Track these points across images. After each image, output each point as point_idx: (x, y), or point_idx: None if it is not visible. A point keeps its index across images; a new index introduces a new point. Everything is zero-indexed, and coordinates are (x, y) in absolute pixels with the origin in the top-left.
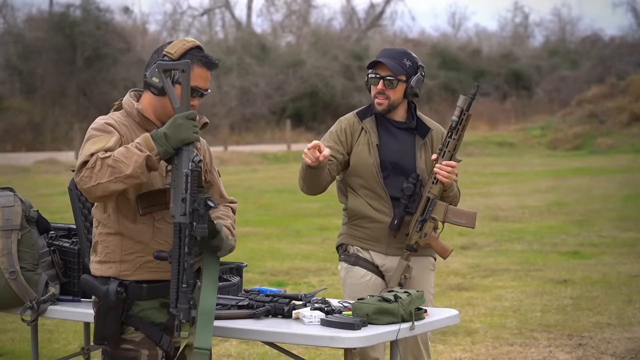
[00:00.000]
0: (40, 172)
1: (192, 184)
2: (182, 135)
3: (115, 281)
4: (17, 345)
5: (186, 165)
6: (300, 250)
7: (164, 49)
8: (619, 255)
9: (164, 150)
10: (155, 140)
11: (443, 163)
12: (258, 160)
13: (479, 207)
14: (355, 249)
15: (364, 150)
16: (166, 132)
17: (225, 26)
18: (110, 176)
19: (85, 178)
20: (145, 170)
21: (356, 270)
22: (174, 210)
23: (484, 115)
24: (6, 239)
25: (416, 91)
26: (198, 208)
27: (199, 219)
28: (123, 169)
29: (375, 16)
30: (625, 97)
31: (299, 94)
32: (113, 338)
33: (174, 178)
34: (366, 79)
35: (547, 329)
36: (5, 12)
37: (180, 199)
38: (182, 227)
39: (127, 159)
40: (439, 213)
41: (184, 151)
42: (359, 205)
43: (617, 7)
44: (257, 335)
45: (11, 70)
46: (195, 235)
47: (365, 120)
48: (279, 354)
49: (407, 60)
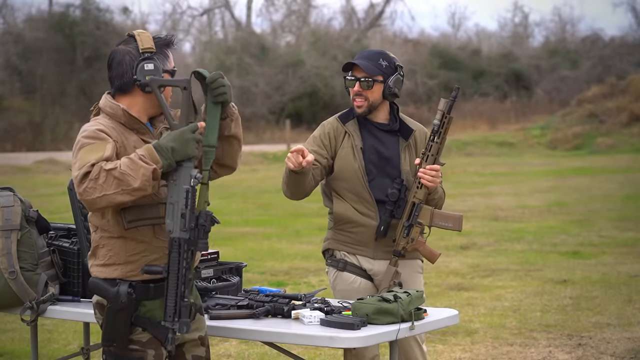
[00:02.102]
0: (40, 172)
1: (192, 200)
2: (189, 151)
3: (125, 282)
4: (16, 345)
5: (186, 181)
6: (300, 250)
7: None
8: (619, 255)
9: (168, 164)
10: (160, 152)
11: (427, 167)
12: (258, 160)
13: (479, 207)
14: (342, 254)
15: (349, 154)
16: (174, 146)
17: (225, 26)
18: (117, 188)
19: (90, 189)
20: (152, 183)
21: (344, 276)
22: (171, 226)
23: (484, 115)
24: (6, 239)
25: (395, 91)
26: (205, 224)
27: (204, 235)
28: (131, 182)
29: (375, 16)
30: (625, 97)
31: (298, 94)
32: (122, 339)
33: (171, 194)
34: (344, 82)
35: (547, 329)
36: (5, 12)
37: (180, 215)
38: (181, 243)
39: (134, 171)
40: (425, 217)
41: (184, 167)
42: (345, 209)
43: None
44: (257, 335)
45: (11, 70)
46: (199, 250)
47: (347, 124)
48: (279, 354)
49: (383, 60)
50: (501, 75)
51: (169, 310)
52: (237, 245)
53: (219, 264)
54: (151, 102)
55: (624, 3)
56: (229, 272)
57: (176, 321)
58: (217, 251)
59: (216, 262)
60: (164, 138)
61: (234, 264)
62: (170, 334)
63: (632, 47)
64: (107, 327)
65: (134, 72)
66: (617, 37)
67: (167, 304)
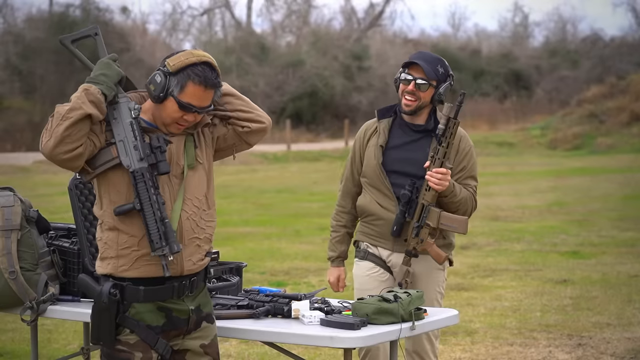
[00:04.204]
0: (40, 172)
1: (139, 130)
2: (117, 69)
3: (109, 282)
4: (17, 345)
5: (128, 116)
6: (300, 250)
7: (167, 58)
8: (619, 255)
9: (106, 87)
10: (92, 81)
11: (433, 170)
12: (258, 160)
13: (479, 207)
14: (365, 245)
15: (371, 152)
16: (103, 72)
17: (225, 26)
18: (56, 121)
19: (44, 140)
20: (87, 101)
21: (364, 264)
22: (128, 161)
23: (484, 115)
24: (6, 239)
25: (443, 98)
26: (160, 145)
27: (162, 155)
28: (64, 109)
29: (375, 16)
30: (625, 97)
31: (298, 94)
32: (108, 338)
33: (117, 132)
34: (398, 76)
35: (547, 329)
36: (5, 12)
37: (132, 147)
38: (143, 172)
39: (65, 105)
40: (433, 219)
41: (121, 104)
42: (367, 202)
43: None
44: (257, 335)
45: (11, 70)
46: (161, 172)
47: (382, 120)
48: (279, 354)
49: (440, 67)
50: (501, 75)
51: (154, 238)
52: (237, 245)
53: (219, 264)
54: (157, 111)
55: (624, 3)
56: (229, 272)
57: (164, 245)
58: (217, 251)
59: (216, 262)
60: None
61: (234, 264)
62: (163, 260)
63: (632, 47)
64: (93, 325)
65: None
66: (617, 37)
67: (150, 234)
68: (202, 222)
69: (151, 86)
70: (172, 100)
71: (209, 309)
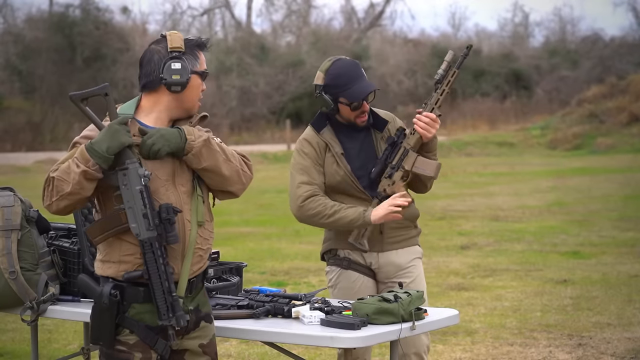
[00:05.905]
0: (40, 172)
1: (149, 198)
2: (122, 139)
3: (109, 283)
4: (17, 345)
5: (137, 183)
6: (300, 250)
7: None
8: (619, 255)
9: (103, 161)
10: (90, 152)
11: (423, 113)
12: (258, 160)
13: (479, 207)
14: (345, 252)
15: (332, 162)
16: (105, 140)
17: (225, 26)
18: (57, 195)
19: (44, 198)
20: (86, 185)
21: (348, 274)
22: (137, 229)
23: (484, 115)
24: (6, 239)
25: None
26: (169, 217)
27: (171, 227)
28: (64, 187)
29: (375, 16)
30: (625, 97)
31: (298, 94)
32: (107, 338)
33: (127, 199)
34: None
35: (547, 329)
36: (5, 12)
37: (142, 216)
38: (152, 242)
39: (67, 175)
40: (409, 162)
41: (130, 169)
42: None
43: (617, 7)
44: (257, 335)
45: (11, 70)
46: (169, 243)
47: (323, 132)
48: (279, 354)
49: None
50: (501, 75)
51: (161, 309)
52: (238, 245)
53: (219, 264)
54: (176, 102)
55: (624, 3)
56: (229, 272)
57: (171, 317)
58: (218, 251)
59: (216, 262)
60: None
61: (234, 264)
62: (170, 330)
63: (632, 47)
64: (93, 325)
65: (161, 71)
66: (617, 37)
67: (158, 304)
68: (205, 233)
69: (175, 76)
70: (194, 76)
71: (207, 309)
